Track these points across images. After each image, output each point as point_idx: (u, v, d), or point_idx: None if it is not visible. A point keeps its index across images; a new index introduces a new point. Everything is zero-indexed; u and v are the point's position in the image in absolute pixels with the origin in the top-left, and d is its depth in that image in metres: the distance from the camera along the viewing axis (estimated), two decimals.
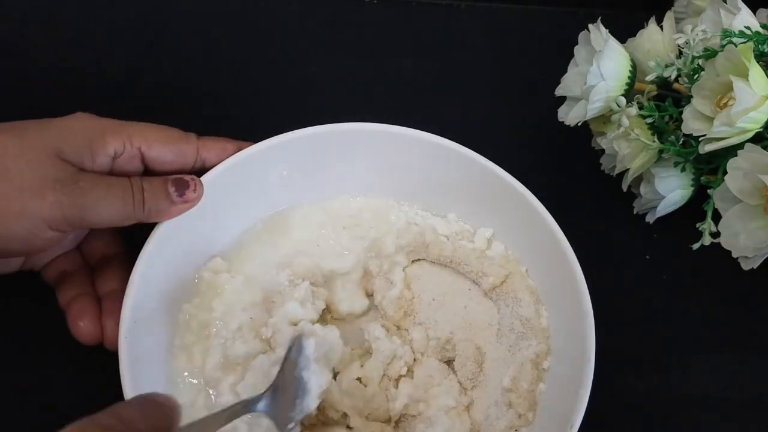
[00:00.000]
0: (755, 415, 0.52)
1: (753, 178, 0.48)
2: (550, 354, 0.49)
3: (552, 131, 0.58)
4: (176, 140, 0.49)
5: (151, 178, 0.47)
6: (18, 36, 0.65)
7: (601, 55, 0.52)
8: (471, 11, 0.69)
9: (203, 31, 0.66)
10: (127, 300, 0.46)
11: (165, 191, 0.47)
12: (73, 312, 0.48)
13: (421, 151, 0.52)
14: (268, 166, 0.52)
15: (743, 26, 0.52)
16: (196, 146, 0.49)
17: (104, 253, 0.51)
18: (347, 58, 0.66)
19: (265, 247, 0.53)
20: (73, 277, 0.50)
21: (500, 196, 0.51)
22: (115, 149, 0.47)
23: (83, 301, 0.48)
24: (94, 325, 0.48)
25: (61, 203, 0.44)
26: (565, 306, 0.49)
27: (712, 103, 0.50)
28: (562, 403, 0.46)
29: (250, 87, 0.63)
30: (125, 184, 0.46)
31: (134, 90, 0.63)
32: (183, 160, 0.49)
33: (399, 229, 0.54)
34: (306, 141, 0.52)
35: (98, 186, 0.45)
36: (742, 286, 0.55)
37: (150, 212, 0.46)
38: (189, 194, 0.47)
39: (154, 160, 0.48)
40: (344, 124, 0.52)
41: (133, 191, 0.46)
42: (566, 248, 0.48)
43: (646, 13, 0.58)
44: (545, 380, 0.49)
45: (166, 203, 0.47)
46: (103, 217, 0.45)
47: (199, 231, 0.50)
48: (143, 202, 0.46)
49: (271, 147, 0.51)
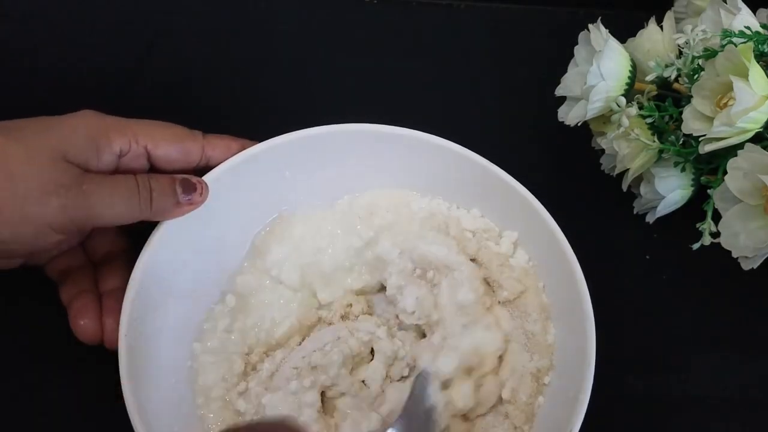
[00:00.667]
0: (755, 415, 0.52)
1: (753, 178, 0.48)
2: (552, 369, 0.49)
3: (552, 131, 0.58)
4: (182, 138, 0.49)
5: (158, 176, 0.47)
6: (18, 35, 0.65)
7: (601, 55, 0.52)
8: (471, 11, 0.69)
9: (204, 31, 0.66)
10: (127, 299, 0.46)
11: (173, 190, 0.47)
12: (74, 310, 0.48)
13: (422, 152, 0.52)
14: (271, 166, 0.52)
15: (743, 26, 0.52)
16: (202, 144, 0.49)
17: (108, 250, 0.51)
18: (347, 58, 0.66)
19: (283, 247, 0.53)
20: (76, 274, 0.50)
21: (502, 198, 0.51)
22: (120, 148, 0.47)
23: (85, 299, 0.48)
24: (94, 323, 0.47)
25: (65, 207, 0.44)
26: (565, 310, 0.49)
27: (712, 103, 0.50)
28: (560, 411, 0.45)
29: (250, 86, 0.63)
30: (131, 184, 0.46)
31: (135, 89, 0.63)
32: (188, 158, 0.49)
33: (422, 218, 0.53)
34: (307, 141, 0.52)
35: (103, 187, 0.45)
36: (742, 286, 0.54)
37: (158, 211, 0.47)
38: (195, 197, 0.47)
39: (160, 158, 0.48)
40: (349, 125, 0.52)
41: (140, 190, 0.46)
42: (566, 249, 0.48)
43: (646, 13, 0.58)
44: (545, 394, 0.48)
45: (171, 203, 0.47)
46: (109, 218, 0.46)
47: (203, 229, 0.50)
48: (150, 200, 0.46)
49: (274, 147, 0.51)
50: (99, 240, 0.51)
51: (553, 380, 0.48)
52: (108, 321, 0.47)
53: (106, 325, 0.47)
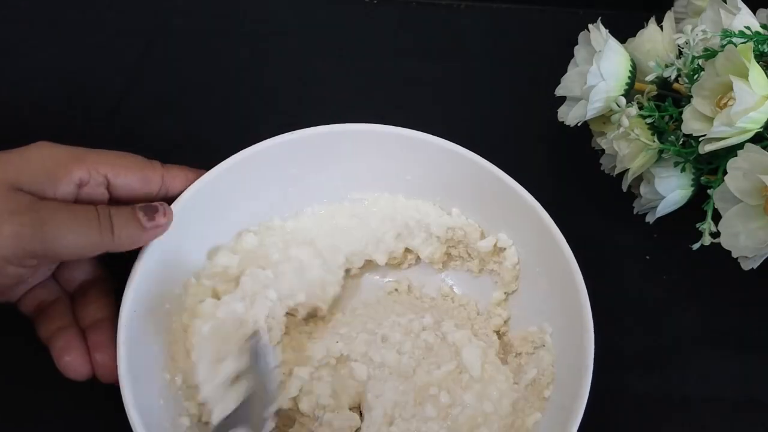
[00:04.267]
0: (755, 415, 0.52)
1: (753, 178, 0.48)
2: (552, 383, 0.48)
3: (552, 131, 0.58)
4: (142, 167, 0.48)
5: (118, 206, 0.45)
6: (15, 37, 0.65)
7: (601, 55, 0.52)
8: (471, 11, 0.69)
9: (203, 32, 0.66)
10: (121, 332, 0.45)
11: (135, 218, 0.45)
12: (57, 347, 0.46)
13: (421, 152, 0.52)
14: (269, 167, 0.52)
15: (743, 26, 0.52)
16: (161, 173, 0.48)
17: (83, 279, 0.49)
18: (347, 58, 0.66)
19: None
20: (52, 308, 0.48)
21: (501, 198, 0.51)
22: (80, 177, 0.45)
23: (67, 335, 0.46)
24: (82, 359, 0.46)
25: (19, 235, 0.42)
26: (564, 310, 0.48)
27: (712, 103, 0.50)
28: (560, 414, 0.45)
29: (250, 87, 0.63)
30: (89, 211, 0.44)
31: (132, 92, 0.63)
32: (149, 188, 0.48)
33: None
34: (308, 142, 0.51)
35: (59, 213, 0.43)
36: (742, 286, 0.54)
37: (121, 239, 0.45)
38: (159, 218, 0.46)
39: (120, 187, 0.47)
40: (347, 125, 0.52)
41: (100, 219, 0.44)
42: (566, 249, 0.48)
43: (646, 13, 0.58)
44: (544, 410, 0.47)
45: (138, 230, 0.45)
46: (69, 247, 0.43)
47: (185, 245, 0.49)
48: (111, 229, 0.44)
49: (273, 147, 0.51)
50: (72, 270, 0.49)
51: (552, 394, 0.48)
52: (99, 356, 0.46)
53: (98, 361, 0.46)
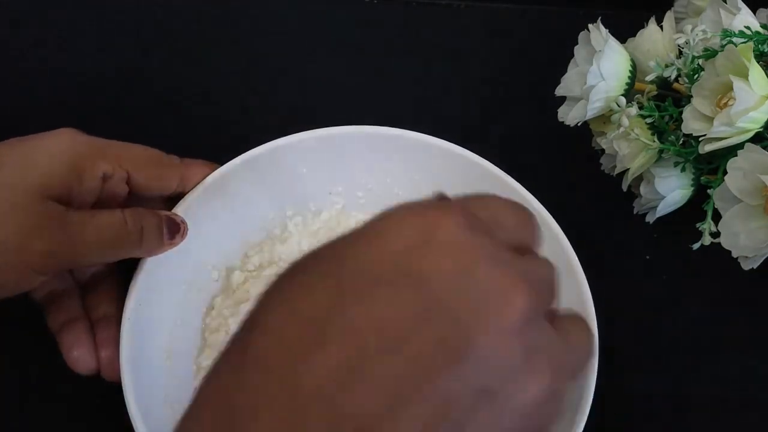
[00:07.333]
0: (755, 415, 0.52)
1: (753, 178, 0.48)
2: None
3: (552, 131, 0.58)
4: (162, 162, 0.48)
5: (147, 213, 0.46)
6: (16, 37, 0.65)
7: (601, 55, 0.51)
8: (471, 11, 0.69)
9: (201, 31, 0.66)
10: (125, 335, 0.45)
11: (160, 231, 0.46)
12: (66, 341, 0.46)
13: (421, 153, 0.52)
14: (271, 168, 0.52)
15: (743, 26, 0.52)
16: (180, 169, 0.48)
17: (95, 271, 0.49)
18: (347, 58, 0.66)
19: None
20: (62, 299, 0.48)
21: None
22: (105, 171, 0.45)
23: (76, 328, 0.46)
24: (89, 354, 0.46)
25: (50, 253, 0.42)
26: None
27: (712, 103, 0.50)
28: None
29: (249, 87, 0.63)
30: (118, 220, 0.44)
31: (131, 91, 0.63)
32: (168, 184, 0.48)
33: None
34: (308, 143, 0.51)
35: (89, 227, 0.43)
36: (742, 286, 0.54)
37: (145, 251, 0.46)
38: (177, 239, 0.46)
39: (140, 183, 0.47)
40: (346, 128, 0.52)
41: (129, 228, 0.44)
42: (568, 250, 0.48)
43: (646, 13, 0.58)
44: None
45: (159, 243, 0.46)
46: (96, 259, 0.45)
47: (196, 248, 0.50)
48: (140, 240, 0.45)
49: (275, 149, 0.51)
50: None
51: None
52: (104, 354, 0.46)
53: (103, 358, 0.46)
